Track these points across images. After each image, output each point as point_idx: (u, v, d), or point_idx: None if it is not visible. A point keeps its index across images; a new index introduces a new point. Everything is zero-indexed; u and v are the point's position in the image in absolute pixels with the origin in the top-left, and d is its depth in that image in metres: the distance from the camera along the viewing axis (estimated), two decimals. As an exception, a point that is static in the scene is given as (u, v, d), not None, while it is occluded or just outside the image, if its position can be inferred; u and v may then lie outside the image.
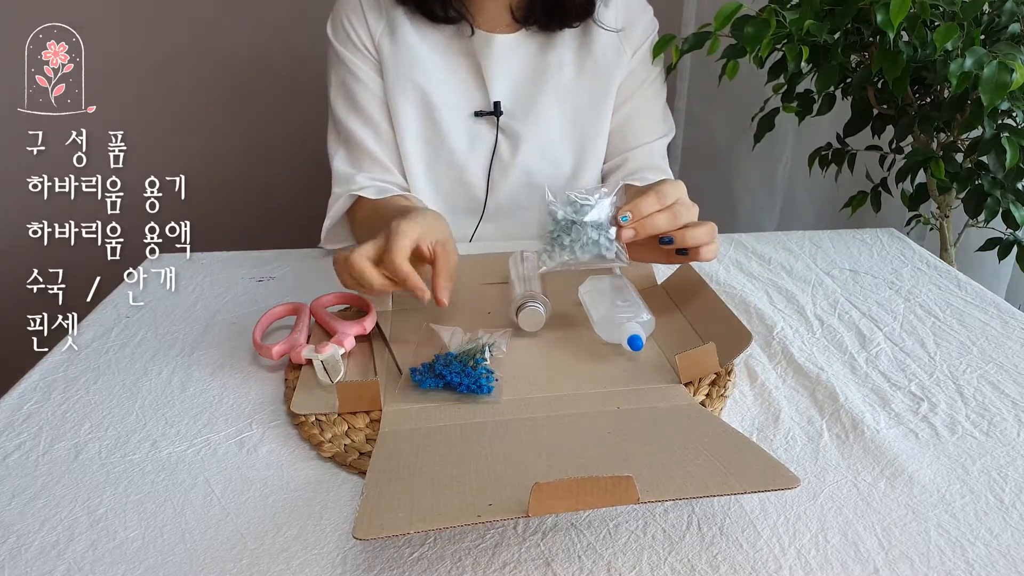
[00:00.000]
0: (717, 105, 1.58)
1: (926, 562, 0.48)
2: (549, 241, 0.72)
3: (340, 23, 1.03)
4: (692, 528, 0.51)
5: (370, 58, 1.02)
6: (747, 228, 1.61)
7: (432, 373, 0.66)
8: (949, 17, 0.96)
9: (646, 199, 0.71)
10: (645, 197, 0.72)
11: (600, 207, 0.71)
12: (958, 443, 0.60)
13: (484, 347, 0.69)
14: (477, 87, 1.03)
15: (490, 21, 1.02)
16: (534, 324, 0.75)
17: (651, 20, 1.08)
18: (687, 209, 0.73)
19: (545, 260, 0.72)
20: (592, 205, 0.71)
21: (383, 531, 0.44)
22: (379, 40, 1.01)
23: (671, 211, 0.72)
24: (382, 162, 1.03)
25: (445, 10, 1.00)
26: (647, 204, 0.71)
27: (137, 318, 0.83)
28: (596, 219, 0.71)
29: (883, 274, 0.92)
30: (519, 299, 0.75)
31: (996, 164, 1.01)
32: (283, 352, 0.72)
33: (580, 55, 1.04)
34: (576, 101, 1.04)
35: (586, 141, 1.05)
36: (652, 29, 1.08)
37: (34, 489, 0.56)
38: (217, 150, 1.66)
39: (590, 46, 1.04)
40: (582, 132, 1.05)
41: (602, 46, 1.04)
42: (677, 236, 0.73)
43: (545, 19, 1.02)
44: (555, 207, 0.72)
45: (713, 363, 0.67)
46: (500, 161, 1.04)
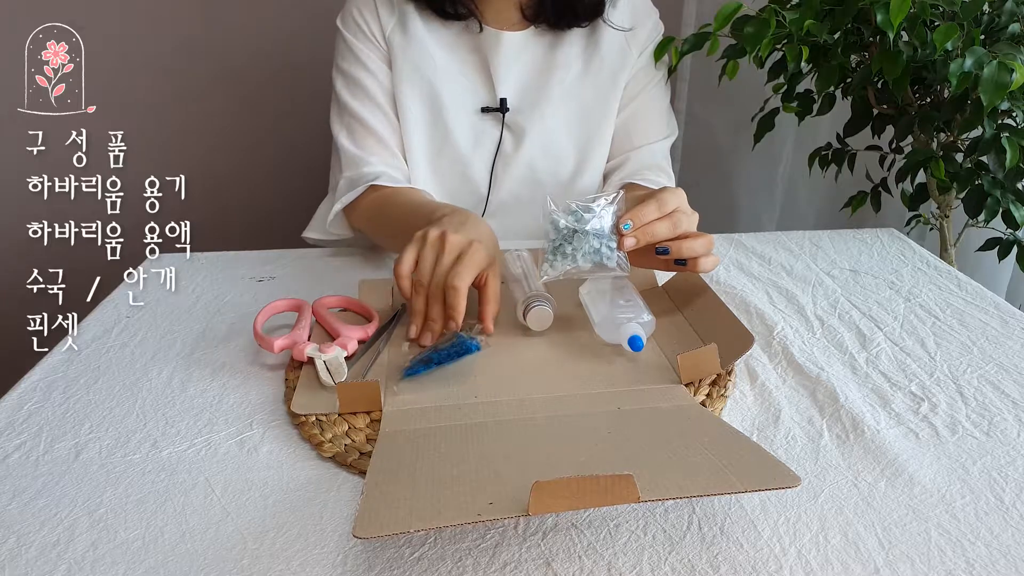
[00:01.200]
0: (717, 105, 1.58)
1: (926, 562, 0.48)
2: (551, 250, 0.72)
3: (351, 15, 1.04)
4: (692, 528, 0.51)
5: (380, 48, 1.03)
6: (747, 228, 1.61)
7: (421, 363, 0.68)
8: (949, 17, 0.96)
9: (647, 207, 0.72)
10: (646, 205, 0.72)
11: (602, 216, 0.71)
12: (958, 443, 0.60)
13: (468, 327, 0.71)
14: (484, 83, 1.03)
15: (499, 18, 1.03)
16: (542, 323, 0.75)
17: (657, 22, 1.08)
18: (687, 217, 0.74)
19: (547, 269, 0.72)
20: (594, 214, 0.71)
21: (383, 530, 0.44)
22: (390, 34, 1.02)
23: (671, 219, 0.72)
24: (391, 147, 1.03)
25: (455, 7, 1.01)
26: (648, 212, 0.71)
27: (137, 318, 0.83)
28: (598, 228, 0.71)
29: (883, 274, 0.92)
30: (525, 299, 0.75)
31: (996, 164, 1.01)
32: (284, 346, 0.72)
33: (587, 53, 1.04)
34: (582, 99, 1.04)
35: (590, 139, 1.05)
36: (658, 31, 1.08)
37: (34, 489, 0.56)
38: (217, 150, 1.66)
39: (598, 45, 1.04)
40: (586, 130, 1.05)
41: (609, 45, 1.04)
42: (674, 247, 0.73)
43: (555, 18, 1.02)
44: (557, 215, 0.72)
45: (714, 364, 0.67)
46: (503, 157, 1.04)
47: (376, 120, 1.02)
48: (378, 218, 0.97)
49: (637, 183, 1.02)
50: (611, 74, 1.04)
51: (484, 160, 1.05)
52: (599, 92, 1.05)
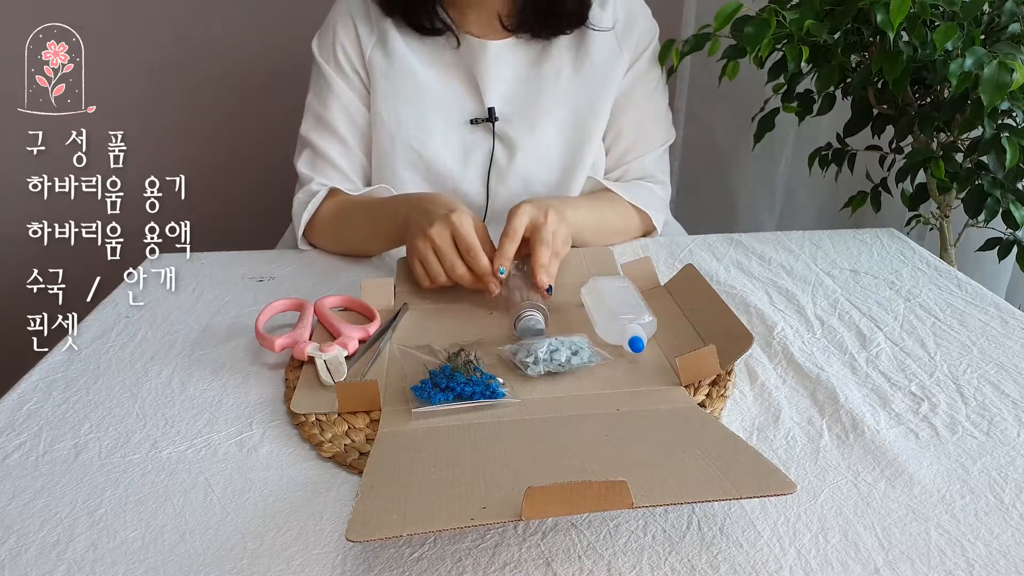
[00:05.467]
0: (717, 105, 1.58)
1: (926, 562, 0.48)
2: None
3: (328, 39, 1.03)
4: (692, 528, 0.51)
5: (353, 79, 1.03)
6: (747, 228, 1.61)
7: (438, 388, 0.64)
8: (949, 17, 0.96)
9: (542, 253, 0.80)
10: (540, 252, 0.80)
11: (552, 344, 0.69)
12: (958, 443, 0.60)
13: (472, 352, 0.69)
14: (471, 94, 1.02)
15: (481, 29, 1.02)
16: (533, 334, 0.74)
17: (650, 22, 1.07)
18: (563, 239, 0.85)
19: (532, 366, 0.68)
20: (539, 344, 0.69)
21: (376, 534, 0.44)
22: (370, 54, 1.01)
23: (558, 256, 0.83)
24: (345, 174, 1.04)
25: (432, 22, 1.00)
26: (546, 257, 0.80)
27: (137, 318, 0.83)
28: (545, 351, 0.68)
29: (883, 274, 0.92)
30: (516, 309, 0.75)
31: (996, 164, 1.01)
32: (285, 345, 0.72)
33: (577, 57, 1.03)
34: (573, 104, 1.03)
35: (581, 144, 1.04)
36: (652, 34, 1.06)
37: (34, 489, 0.56)
38: (217, 150, 1.66)
39: (587, 48, 1.03)
40: (578, 135, 1.04)
41: (599, 48, 1.03)
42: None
43: (537, 27, 1.01)
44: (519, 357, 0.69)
45: (714, 365, 0.67)
46: (497, 169, 1.03)
47: (334, 151, 1.03)
48: (338, 222, 1.00)
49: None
50: (602, 77, 1.03)
51: (477, 173, 1.03)
52: (590, 96, 1.03)
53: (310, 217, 1.00)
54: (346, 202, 1.00)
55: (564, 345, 0.69)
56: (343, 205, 1.00)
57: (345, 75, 1.02)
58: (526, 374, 0.67)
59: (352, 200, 1.00)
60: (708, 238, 1.05)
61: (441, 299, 0.84)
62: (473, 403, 0.63)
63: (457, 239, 0.80)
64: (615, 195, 1.02)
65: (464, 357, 0.68)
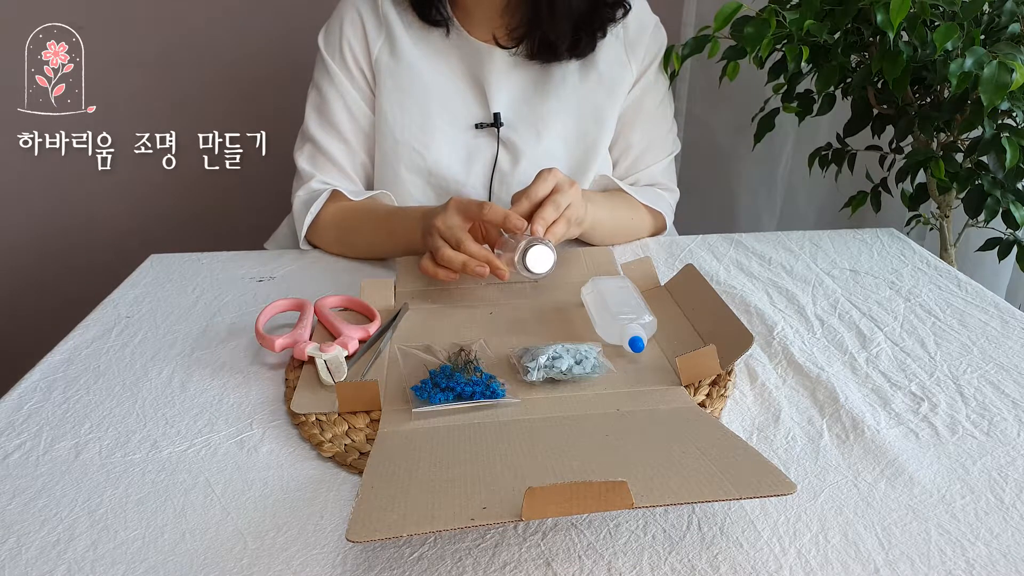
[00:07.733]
0: (717, 105, 1.58)
1: (926, 562, 0.48)
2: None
3: (335, 35, 1.02)
4: (692, 528, 0.51)
5: (358, 78, 1.02)
6: (747, 228, 1.61)
7: (438, 388, 0.64)
8: (949, 17, 0.96)
9: (546, 211, 0.80)
10: (544, 209, 0.80)
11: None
12: (958, 443, 0.60)
13: (472, 352, 0.69)
14: (477, 99, 1.02)
15: (485, 36, 1.01)
16: (544, 265, 0.71)
17: (657, 30, 1.06)
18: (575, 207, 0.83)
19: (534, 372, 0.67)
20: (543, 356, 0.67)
21: (376, 534, 0.44)
22: (377, 54, 1.01)
23: (565, 217, 0.82)
24: (346, 172, 1.04)
25: (436, 10, 0.99)
26: (548, 215, 0.80)
27: (137, 318, 0.83)
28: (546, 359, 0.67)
29: (883, 274, 0.92)
30: (524, 242, 0.72)
31: (996, 164, 1.01)
32: (285, 345, 0.72)
33: (584, 67, 1.03)
34: (579, 114, 1.03)
35: (587, 152, 1.04)
36: (660, 45, 1.06)
37: (34, 489, 0.56)
38: (217, 150, 1.66)
39: (594, 57, 1.03)
40: (583, 144, 1.04)
41: (604, 56, 1.03)
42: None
43: (536, 52, 1.00)
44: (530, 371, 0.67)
45: (714, 365, 0.67)
46: (500, 175, 1.03)
47: (335, 149, 1.03)
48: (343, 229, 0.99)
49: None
50: (608, 86, 1.03)
51: (480, 178, 1.03)
52: (596, 106, 1.03)
53: (313, 219, 1.00)
54: (351, 209, 0.99)
55: (568, 353, 0.67)
56: (348, 212, 0.99)
57: (350, 74, 1.02)
58: (524, 379, 0.67)
59: (358, 208, 0.99)
60: (708, 238, 1.05)
61: (441, 299, 0.84)
62: (473, 403, 0.63)
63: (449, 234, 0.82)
64: (627, 195, 1.03)
65: (464, 357, 0.68)
